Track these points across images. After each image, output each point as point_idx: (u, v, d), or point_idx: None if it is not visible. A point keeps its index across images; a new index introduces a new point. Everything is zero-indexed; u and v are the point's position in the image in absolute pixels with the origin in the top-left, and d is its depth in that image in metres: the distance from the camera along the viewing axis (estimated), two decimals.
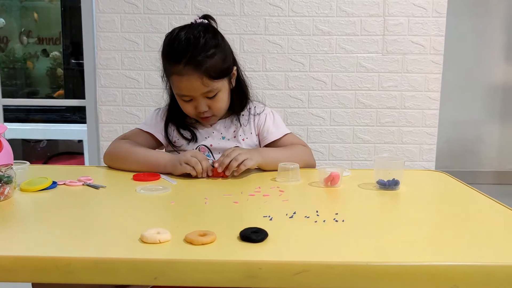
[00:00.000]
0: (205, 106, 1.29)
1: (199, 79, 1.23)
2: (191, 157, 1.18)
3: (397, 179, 1.10)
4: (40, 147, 3.46)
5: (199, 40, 1.25)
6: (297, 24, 2.21)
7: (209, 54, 1.24)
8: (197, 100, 1.28)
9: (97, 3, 2.20)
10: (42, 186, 1.04)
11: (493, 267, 0.69)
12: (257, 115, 1.40)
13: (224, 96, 1.31)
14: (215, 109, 1.31)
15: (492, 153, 3.57)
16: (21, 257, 0.69)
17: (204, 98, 1.28)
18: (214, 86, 1.26)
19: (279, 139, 1.39)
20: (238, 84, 1.38)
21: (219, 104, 1.31)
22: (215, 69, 1.25)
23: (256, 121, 1.40)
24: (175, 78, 1.27)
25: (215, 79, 1.26)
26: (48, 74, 3.52)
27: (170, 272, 0.68)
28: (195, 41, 1.24)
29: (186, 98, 1.29)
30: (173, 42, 1.26)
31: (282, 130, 1.40)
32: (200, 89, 1.25)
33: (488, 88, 3.52)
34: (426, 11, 2.21)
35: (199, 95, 1.27)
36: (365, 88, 2.25)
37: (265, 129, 1.39)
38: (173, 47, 1.26)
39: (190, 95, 1.27)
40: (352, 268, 0.68)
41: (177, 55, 1.24)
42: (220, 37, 1.32)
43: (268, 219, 0.86)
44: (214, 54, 1.26)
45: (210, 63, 1.24)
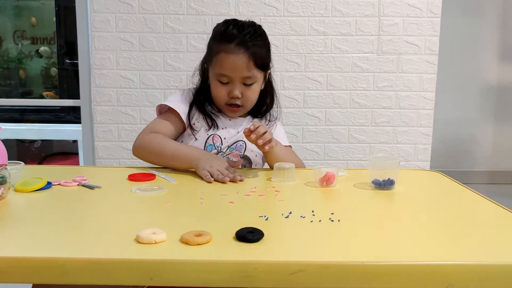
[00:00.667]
0: (239, 92, 1.33)
1: (246, 60, 1.30)
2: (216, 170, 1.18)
3: (392, 179, 1.10)
4: (34, 147, 3.44)
5: (253, 29, 1.34)
6: (292, 24, 2.21)
7: (258, 43, 1.33)
8: (234, 84, 1.33)
9: (92, 3, 2.19)
10: (37, 186, 1.03)
11: (488, 266, 0.69)
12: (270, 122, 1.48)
13: (257, 88, 1.37)
14: (246, 98, 1.35)
15: (487, 152, 3.59)
16: (16, 258, 0.69)
17: (241, 84, 1.33)
18: (254, 74, 1.33)
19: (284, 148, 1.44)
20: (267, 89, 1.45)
21: (251, 95, 1.36)
22: (261, 58, 1.33)
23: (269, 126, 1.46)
24: (222, 56, 1.32)
25: (257, 67, 1.33)
26: (42, 74, 3.50)
27: (166, 273, 0.67)
28: (249, 28, 1.34)
29: (225, 79, 1.33)
30: (229, 25, 1.35)
31: (286, 141, 1.48)
32: (243, 71, 1.31)
33: (482, 88, 3.54)
34: (421, 12, 2.22)
35: (239, 78, 1.32)
36: (360, 88, 2.25)
37: (275, 134, 1.41)
38: (228, 29, 1.34)
39: (231, 75, 1.32)
40: (347, 268, 0.68)
41: (231, 35, 1.32)
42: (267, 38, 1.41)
43: (264, 219, 0.86)
44: (263, 46, 1.35)
45: (258, 51, 1.32)
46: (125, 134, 2.26)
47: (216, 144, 1.37)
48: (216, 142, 1.37)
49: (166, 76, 2.23)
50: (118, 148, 2.28)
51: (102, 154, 2.28)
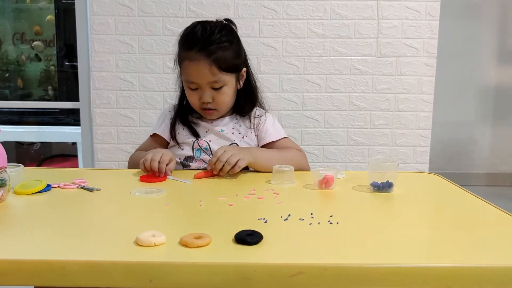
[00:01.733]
0: (209, 97, 1.32)
1: (208, 66, 1.28)
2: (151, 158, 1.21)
3: (391, 181, 1.10)
4: (33, 150, 3.44)
5: (215, 32, 1.32)
6: (291, 27, 2.22)
7: (221, 46, 1.30)
8: (202, 89, 1.32)
9: (91, 6, 2.19)
10: (36, 189, 1.03)
11: (487, 269, 0.70)
12: (257, 117, 1.44)
13: (229, 91, 1.35)
14: (218, 102, 1.34)
15: (485, 154, 3.60)
16: (15, 261, 0.69)
17: (210, 88, 1.32)
18: (221, 78, 1.31)
19: (275, 141, 1.42)
20: (248, 88, 1.43)
21: (223, 98, 1.34)
22: (225, 61, 1.30)
23: (256, 122, 1.44)
24: (186, 64, 1.32)
25: (223, 70, 1.30)
26: (42, 76, 3.51)
27: (165, 275, 0.68)
28: (210, 32, 1.31)
29: (193, 86, 1.33)
30: (191, 30, 1.34)
31: (280, 133, 1.44)
32: (207, 77, 1.29)
33: (480, 90, 3.55)
34: (419, 14, 2.22)
35: (206, 83, 1.30)
36: (359, 91, 2.26)
37: (264, 129, 1.42)
38: (189, 35, 1.33)
39: (197, 82, 1.31)
40: (346, 270, 0.69)
41: (191, 41, 1.30)
42: (236, 37, 1.38)
43: (263, 222, 0.86)
44: (227, 48, 1.32)
45: (221, 54, 1.30)
46: (125, 136, 2.27)
47: (203, 147, 1.37)
48: (203, 145, 1.37)
49: (165, 79, 2.23)
50: (117, 150, 2.28)
51: (102, 157, 2.28)
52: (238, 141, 1.39)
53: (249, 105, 1.44)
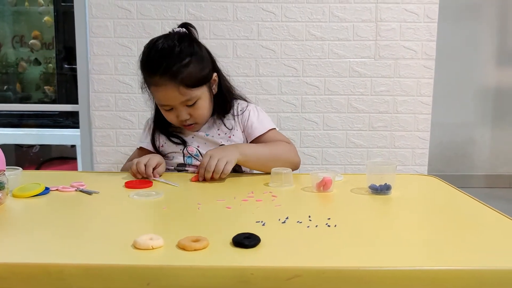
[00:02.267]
0: (186, 114, 1.29)
1: (175, 89, 1.24)
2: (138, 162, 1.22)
3: (389, 183, 1.11)
4: (33, 152, 3.44)
5: (174, 50, 1.25)
6: (290, 30, 2.22)
7: (184, 63, 1.25)
8: (177, 109, 1.29)
9: (90, 8, 2.20)
10: (35, 192, 1.03)
11: (484, 271, 0.70)
12: (240, 114, 1.41)
13: (204, 103, 1.32)
14: (196, 116, 1.31)
15: (484, 156, 3.60)
16: (13, 264, 0.69)
17: (184, 106, 1.28)
18: (192, 95, 1.27)
19: (263, 134, 1.38)
20: (221, 90, 1.39)
21: (199, 112, 1.31)
22: (191, 78, 1.25)
23: (240, 119, 1.41)
24: (153, 89, 1.29)
25: (192, 87, 1.26)
26: (41, 79, 3.51)
27: (163, 278, 0.68)
28: (169, 51, 1.25)
29: (167, 108, 1.30)
30: (149, 53, 1.28)
31: (266, 125, 1.40)
32: (178, 98, 1.26)
33: (479, 92, 3.56)
34: (417, 17, 2.23)
35: (178, 104, 1.27)
36: (358, 93, 2.26)
37: (249, 124, 1.39)
38: (149, 58, 1.27)
39: (170, 104, 1.28)
40: (344, 273, 0.69)
41: (153, 66, 1.25)
42: (196, 45, 1.32)
43: (261, 225, 0.86)
44: (190, 62, 1.26)
45: (186, 72, 1.24)
46: (124, 139, 2.27)
47: (193, 153, 1.36)
48: (192, 151, 1.36)
49: None
50: (116, 153, 2.28)
51: (101, 159, 2.28)
52: (225, 142, 1.38)
53: (227, 104, 1.40)
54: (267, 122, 1.42)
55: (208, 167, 1.18)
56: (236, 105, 1.43)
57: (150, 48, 1.29)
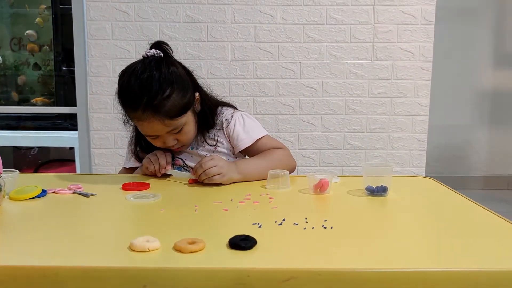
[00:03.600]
0: (173, 140, 1.27)
1: (160, 122, 1.20)
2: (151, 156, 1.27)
3: (386, 185, 1.11)
4: (31, 154, 3.44)
5: (153, 82, 1.18)
6: (287, 32, 2.23)
7: (165, 95, 1.19)
8: (163, 137, 1.26)
9: (88, 11, 2.20)
10: (32, 194, 1.03)
11: (481, 273, 0.70)
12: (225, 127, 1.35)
13: (190, 127, 1.28)
14: (183, 140, 1.29)
15: (481, 158, 3.61)
16: (9, 267, 0.69)
17: (170, 134, 1.25)
18: (177, 124, 1.23)
19: (253, 144, 1.34)
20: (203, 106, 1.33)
21: (186, 136, 1.28)
22: (175, 108, 1.20)
23: (225, 131, 1.36)
24: (136, 123, 1.26)
25: (176, 117, 1.22)
26: (39, 82, 3.51)
27: (159, 280, 0.68)
28: (148, 85, 1.18)
29: (153, 137, 1.27)
30: (127, 86, 1.21)
31: (253, 135, 1.35)
32: (163, 129, 1.23)
33: (477, 93, 3.56)
34: (415, 19, 2.24)
35: (164, 134, 1.25)
36: (355, 95, 2.27)
37: (235, 136, 1.34)
38: (127, 94, 1.21)
39: (155, 135, 1.26)
40: (340, 275, 0.69)
41: (133, 102, 1.19)
42: (175, 68, 1.25)
43: (257, 227, 0.86)
44: (172, 92, 1.20)
45: (169, 104, 1.19)
46: (122, 141, 2.27)
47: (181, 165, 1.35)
48: (180, 163, 1.35)
49: None
50: (114, 155, 2.29)
51: (99, 161, 2.28)
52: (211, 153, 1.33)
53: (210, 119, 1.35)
54: (256, 131, 1.36)
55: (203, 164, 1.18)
56: (221, 117, 1.37)
57: (127, 81, 1.21)
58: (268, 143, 1.36)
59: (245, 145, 1.33)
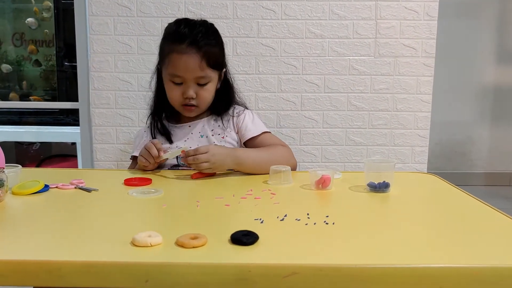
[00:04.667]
0: (193, 92, 1.31)
1: (198, 60, 1.28)
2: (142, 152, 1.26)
3: (388, 181, 1.11)
4: (33, 150, 3.44)
5: (204, 27, 1.33)
6: (289, 27, 2.22)
7: (211, 42, 1.32)
8: (187, 84, 1.30)
9: (90, 6, 2.20)
10: (34, 189, 1.04)
11: (483, 269, 0.70)
12: (236, 116, 1.44)
13: (212, 88, 1.35)
14: (201, 99, 1.33)
15: (483, 154, 3.60)
16: (12, 261, 0.69)
17: (195, 84, 1.31)
18: (207, 74, 1.31)
19: (257, 136, 1.40)
20: (225, 87, 1.42)
21: (206, 94, 1.33)
22: (213, 57, 1.31)
23: (235, 120, 1.43)
24: (174, 57, 1.30)
25: (210, 67, 1.31)
26: (41, 77, 3.51)
27: (161, 275, 0.68)
28: (200, 27, 1.32)
29: (178, 80, 1.31)
30: (180, 24, 1.34)
31: (260, 128, 1.42)
32: (196, 71, 1.29)
33: (479, 90, 3.55)
34: (417, 15, 2.23)
35: (192, 78, 1.30)
36: (358, 91, 2.26)
37: (243, 126, 1.41)
38: (179, 28, 1.32)
39: (184, 76, 1.29)
40: (341, 270, 0.69)
41: (182, 35, 1.30)
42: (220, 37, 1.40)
43: (259, 222, 0.87)
44: (215, 44, 1.33)
45: (211, 50, 1.31)
46: (123, 136, 2.27)
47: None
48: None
49: None
50: (116, 151, 2.29)
51: (101, 156, 2.28)
52: (218, 143, 1.38)
53: (225, 105, 1.43)
54: (261, 126, 1.45)
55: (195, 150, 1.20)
56: (233, 108, 1.45)
57: (181, 21, 1.35)
58: (272, 138, 1.43)
59: (252, 134, 1.39)
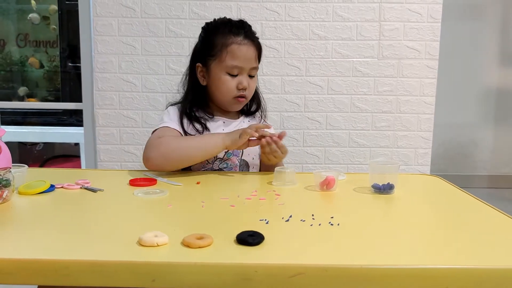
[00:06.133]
0: (246, 83, 1.38)
1: (255, 51, 1.38)
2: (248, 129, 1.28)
3: (392, 183, 1.11)
4: (36, 150, 3.46)
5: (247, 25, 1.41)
6: (293, 29, 2.23)
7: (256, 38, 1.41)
8: (243, 75, 1.37)
9: (95, 7, 2.21)
10: (40, 189, 1.04)
11: (487, 270, 0.70)
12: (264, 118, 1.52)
13: (255, 83, 1.43)
14: (251, 89, 1.41)
15: (487, 156, 3.60)
16: (19, 260, 0.70)
17: (247, 76, 1.38)
18: (257, 66, 1.40)
19: None
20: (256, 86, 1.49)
21: (253, 86, 1.42)
22: (260, 51, 1.41)
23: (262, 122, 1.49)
24: (233, 48, 1.35)
25: (259, 60, 1.40)
26: (45, 77, 3.53)
27: (168, 275, 0.68)
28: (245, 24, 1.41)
29: (235, 71, 1.36)
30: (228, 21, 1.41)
31: None
32: (252, 61, 1.37)
33: (482, 92, 3.55)
34: (421, 17, 2.23)
35: (248, 69, 1.37)
36: (361, 93, 2.27)
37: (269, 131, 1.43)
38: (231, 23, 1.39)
39: (243, 66, 1.35)
40: (346, 271, 0.69)
41: (237, 28, 1.37)
42: None
43: (264, 223, 0.87)
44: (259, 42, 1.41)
45: (259, 44, 1.41)
46: (127, 137, 2.28)
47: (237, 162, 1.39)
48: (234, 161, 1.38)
49: (168, 80, 2.24)
50: (120, 151, 2.29)
51: (104, 157, 2.29)
52: None
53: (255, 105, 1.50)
54: None
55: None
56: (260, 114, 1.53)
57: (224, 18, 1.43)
58: None
59: None
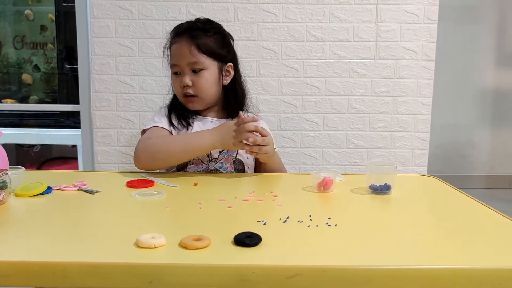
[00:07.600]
0: (189, 80, 1.35)
1: (188, 47, 1.35)
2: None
3: (389, 184, 1.11)
4: (33, 152, 3.45)
5: (204, 24, 1.41)
6: (290, 30, 2.23)
7: (207, 34, 1.38)
8: (183, 72, 1.36)
9: (92, 9, 2.20)
10: (37, 191, 1.04)
11: (484, 271, 0.70)
12: None
13: (209, 76, 1.37)
14: (198, 87, 1.35)
15: (484, 157, 3.61)
16: (17, 262, 0.69)
17: (190, 71, 1.35)
18: (200, 59, 1.35)
19: None
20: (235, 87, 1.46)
21: (203, 82, 1.36)
22: (206, 46, 1.36)
23: None
24: (172, 48, 1.40)
25: (202, 53, 1.35)
26: (42, 79, 3.52)
27: (165, 277, 0.68)
28: (200, 23, 1.41)
29: (176, 69, 1.37)
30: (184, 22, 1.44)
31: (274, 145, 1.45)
32: (187, 56, 1.34)
33: (479, 93, 3.56)
34: (418, 18, 2.23)
35: (186, 64, 1.34)
36: (358, 94, 2.27)
37: None
38: (182, 25, 1.42)
39: (179, 63, 1.35)
40: (344, 272, 0.70)
41: (180, 28, 1.40)
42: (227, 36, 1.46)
43: (262, 224, 0.87)
44: (212, 35, 1.38)
45: (204, 40, 1.37)
46: (124, 139, 2.27)
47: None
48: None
49: (165, 82, 2.24)
50: (117, 153, 2.29)
51: (101, 159, 2.29)
52: None
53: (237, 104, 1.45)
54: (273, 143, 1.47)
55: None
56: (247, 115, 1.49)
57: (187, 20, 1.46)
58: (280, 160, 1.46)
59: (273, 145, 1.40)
